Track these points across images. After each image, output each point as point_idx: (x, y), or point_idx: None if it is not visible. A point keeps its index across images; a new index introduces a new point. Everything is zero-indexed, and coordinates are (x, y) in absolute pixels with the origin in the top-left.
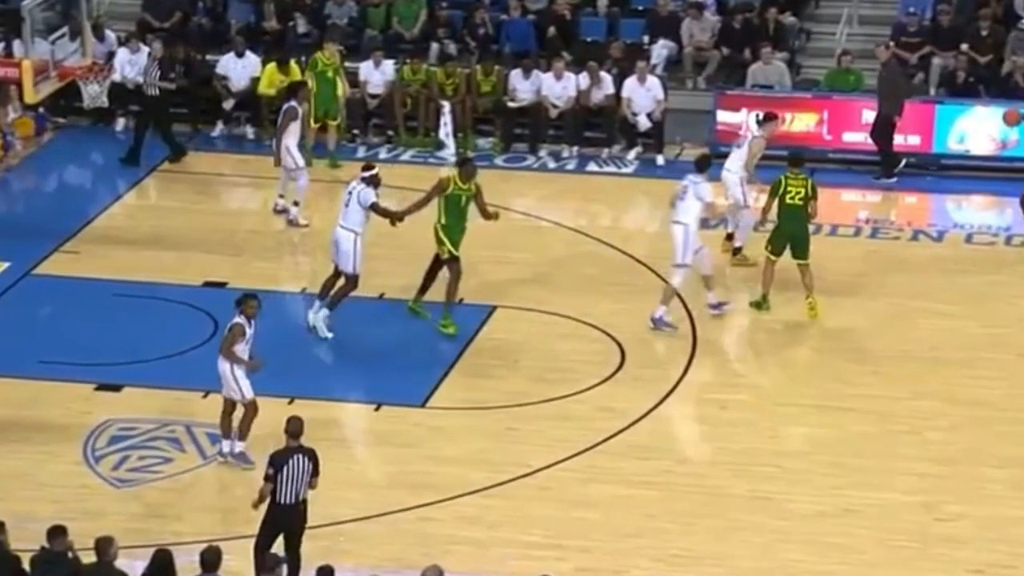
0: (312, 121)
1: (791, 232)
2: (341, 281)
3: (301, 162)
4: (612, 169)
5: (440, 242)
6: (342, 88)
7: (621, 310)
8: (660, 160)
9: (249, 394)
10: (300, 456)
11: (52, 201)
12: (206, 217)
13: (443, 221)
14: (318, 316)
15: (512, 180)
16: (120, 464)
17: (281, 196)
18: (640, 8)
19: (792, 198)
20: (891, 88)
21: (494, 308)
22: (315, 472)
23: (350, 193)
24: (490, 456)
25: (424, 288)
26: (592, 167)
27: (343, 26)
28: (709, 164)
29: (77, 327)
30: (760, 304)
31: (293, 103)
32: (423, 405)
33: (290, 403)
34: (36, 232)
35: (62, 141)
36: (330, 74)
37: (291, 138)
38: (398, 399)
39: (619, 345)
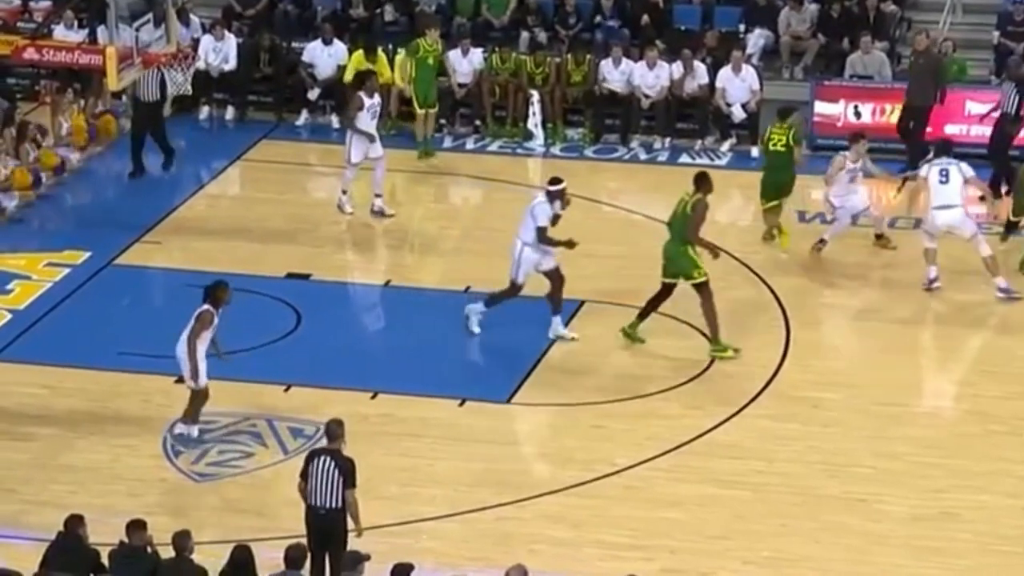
0: (418, 106)
1: (773, 179)
2: (550, 286)
3: (355, 157)
4: (705, 161)
5: (694, 265)
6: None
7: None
8: (755, 152)
9: (203, 381)
10: (326, 458)
11: (134, 190)
12: (289, 208)
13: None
14: (557, 329)
15: (602, 172)
16: (200, 458)
17: (378, 195)
18: None
19: (775, 145)
20: (928, 77)
21: (582, 303)
22: (347, 483)
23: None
24: (575, 454)
25: (646, 314)
26: (684, 159)
27: (431, 13)
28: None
29: (157, 318)
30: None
31: (360, 93)
32: (508, 401)
33: (373, 397)
34: (117, 221)
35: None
36: (431, 61)
37: (357, 128)
38: (483, 395)
39: (710, 341)
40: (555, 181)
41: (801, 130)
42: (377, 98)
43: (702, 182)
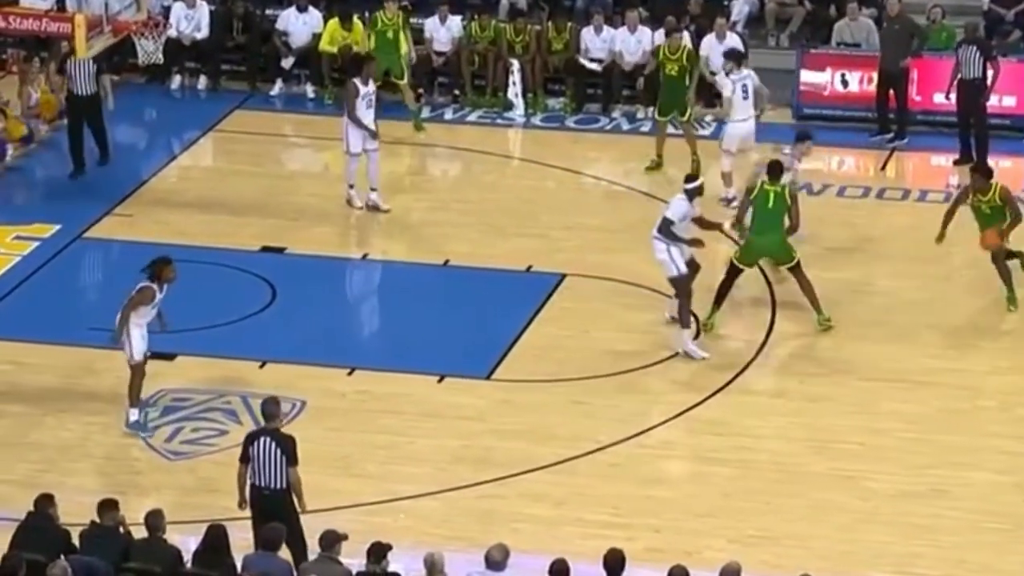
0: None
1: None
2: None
3: (353, 147)
4: (671, 130)
5: (790, 250)
6: (405, 46)
7: (698, 279)
8: None
9: (139, 356)
10: (266, 439)
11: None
12: (264, 180)
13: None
14: (683, 340)
15: (584, 142)
16: (173, 436)
17: (373, 189)
18: None
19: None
20: (901, 42)
21: (564, 276)
22: (290, 461)
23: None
24: (557, 431)
25: (720, 300)
26: (668, 129)
27: None
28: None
29: (128, 293)
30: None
31: (355, 80)
32: (488, 377)
33: (350, 374)
34: (87, 193)
35: (115, 99)
36: (390, 34)
37: (355, 118)
38: (463, 370)
39: (695, 316)
40: (691, 177)
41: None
42: (372, 86)
43: (776, 169)
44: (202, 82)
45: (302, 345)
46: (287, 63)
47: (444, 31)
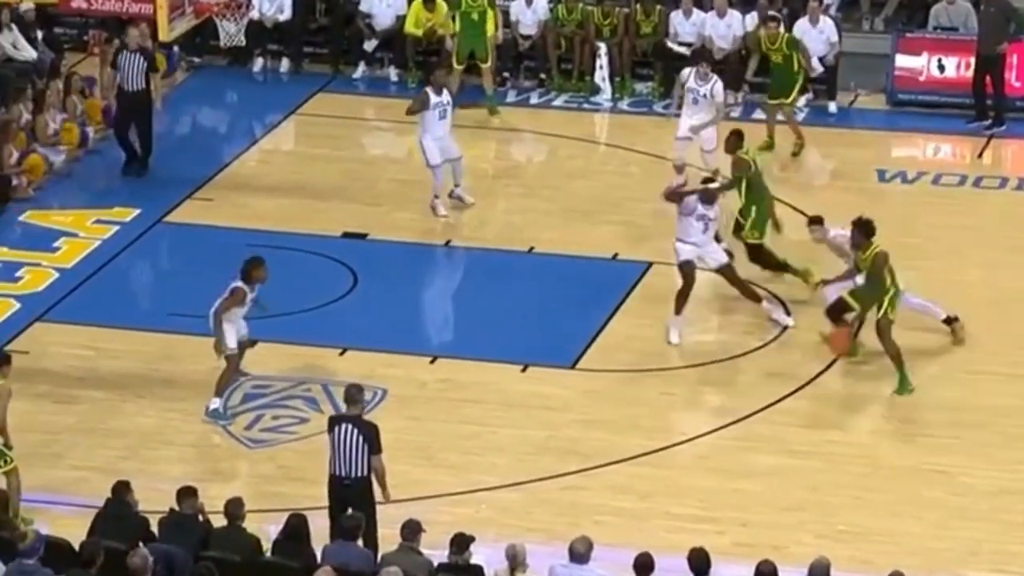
0: (456, 62)
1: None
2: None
3: (432, 159)
4: (780, 117)
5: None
6: (491, 28)
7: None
8: (832, 108)
9: (233, 345)
10: (348, 425)
11: (185, 145)
12: (346, 164)
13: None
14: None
15: (672, 127)
16: (253, 423)
17: (457, 185)
18: None
19: None
20: (998, 26)
21: (650, 264)
22: (373, 449)
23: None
24: (642, 422)
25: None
26: (759, 115)
27: None
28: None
29: (210, 278)
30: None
31: (427, 88)
32: (573, 366)
33: (432, 362)
34: (168, 178)
35: (196, 82)
36: (475, 15)
37: (423, 131)
38: (547, 359)
39: (784, 306)
40: (708, 180)
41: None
42: (446, 95)
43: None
44: (284, 65)
45: (384, 333)
46: (370, 45)
47: (530, 14)
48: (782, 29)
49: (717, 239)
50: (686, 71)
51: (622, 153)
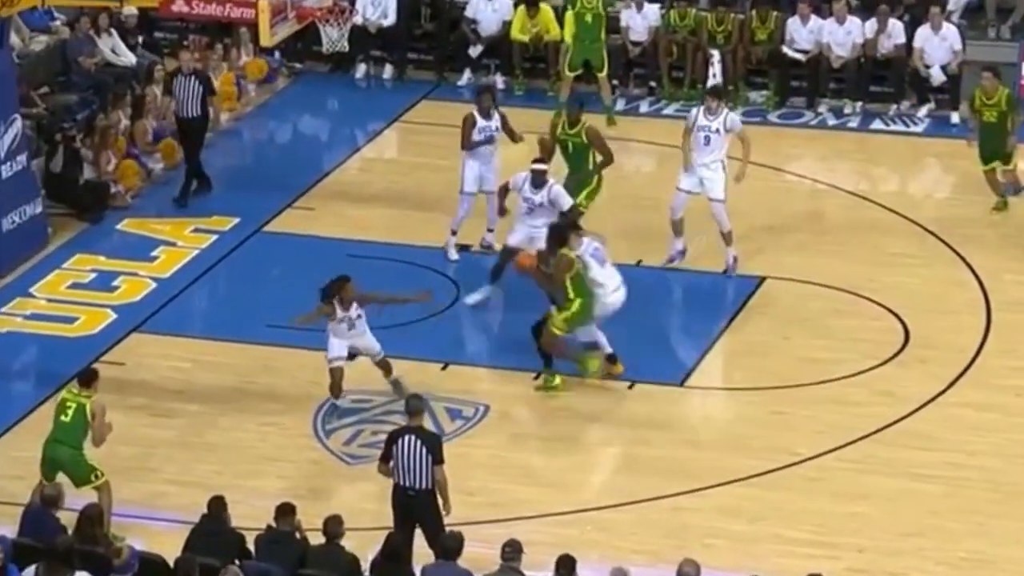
0: (567, 69)
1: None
2: None
3: (468, 185)
4: (900, 128)
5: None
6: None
7: (906, 284)
8: (955, 118)
9: (332, 354)
10: (411, 437)
11: (285, 153)
12: (450, 174)
13: None
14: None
15: (787, 138)
16: (352, 439)
17: (490, 230)
18: None
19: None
20: None
21: (763, 279)
22: (435, 459)
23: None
24: (754, 442)
25: None
26: (877, 125)
27: None
28: None
29: (309, 289)
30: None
31: (473, 111)
32: (681, 384)
33: (536, 378)
34: (267, 186)
35: (297, 88)
36: (589, 18)
37: (465, 154)
38: (654, 377)
39: (903, 323)
40: (538, 160)
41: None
42: (495, 120)
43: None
44: (388, 71)
45: (486, 347)
46: (476, 52)
47: (641, 19)
48: (999, 84)
49: None
50: (693, 112)
51: (735, 164)
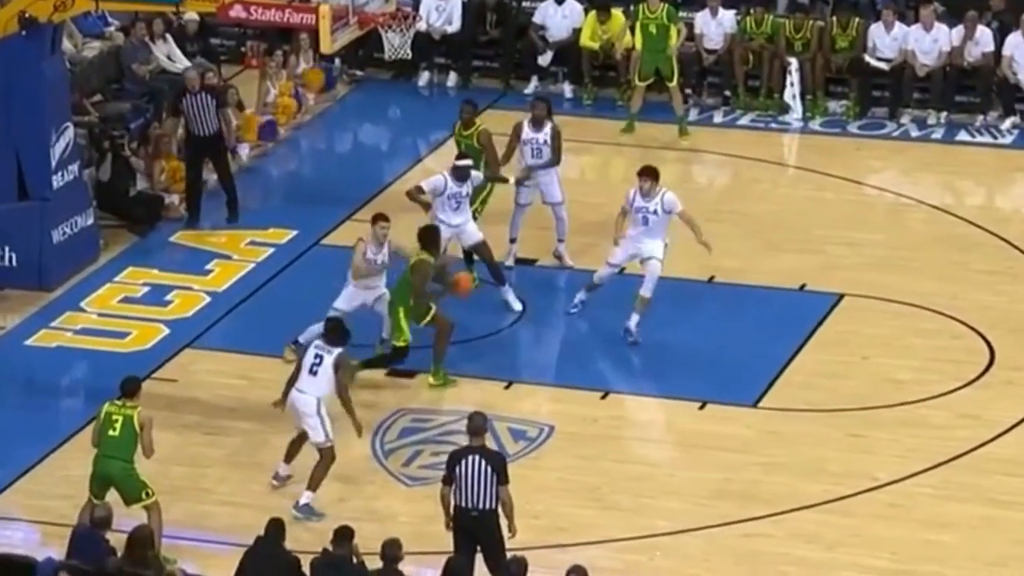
0: (637, 79)
1: None
2: None
3: (521, 197)
4: (986, 139)
5: None
6: (674, 40)
7: (991, 302)
8: None
9: (331, 437)
10: (475, 457)
11: (345, 163)
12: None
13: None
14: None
15: (868, 149)
16: (412, 460)
17: (560, 240)
18: None
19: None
20: None
21: (841, 296)
22: (501, 480)
23: None
24: (830, 466)
25: None
26: (963, 136)
27: None
28: None
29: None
30: None
31: (523, 122)
32: (755, 405)
33: (603, 397)
34: (326, 198)
35: (358, 96)
36: (653, 28)
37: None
38: (727, 397)
39: (988, 343)
40: (461, 157)
41: None
42: (546, 132)
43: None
44: (452, 79)
45: (552, 365)
46: (544, 59)
47: (715, 26)
48: None
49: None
50: (630, 192)
51: (813, 177)
